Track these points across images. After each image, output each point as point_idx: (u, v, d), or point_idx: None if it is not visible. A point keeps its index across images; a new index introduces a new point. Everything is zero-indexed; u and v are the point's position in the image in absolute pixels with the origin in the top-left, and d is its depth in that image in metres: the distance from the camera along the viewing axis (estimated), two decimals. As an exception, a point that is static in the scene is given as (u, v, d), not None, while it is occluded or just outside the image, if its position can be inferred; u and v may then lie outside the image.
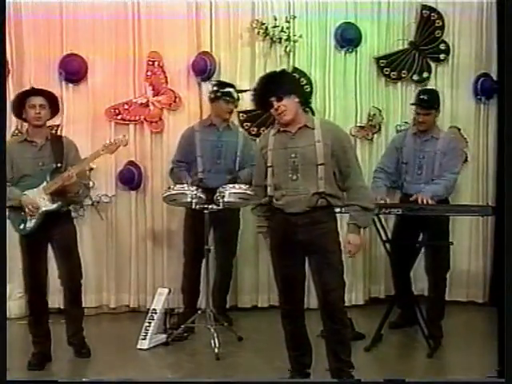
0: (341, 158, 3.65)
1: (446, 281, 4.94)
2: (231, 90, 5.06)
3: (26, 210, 4.18)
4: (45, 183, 4.25)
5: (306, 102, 3.88)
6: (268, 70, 5.50)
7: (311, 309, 4.52)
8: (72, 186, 4.26)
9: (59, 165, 4.28)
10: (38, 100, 4.26)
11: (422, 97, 4.90)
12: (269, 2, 5.55)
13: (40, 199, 4.24)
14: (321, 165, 3.61)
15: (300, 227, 3.63)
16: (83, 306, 4.67)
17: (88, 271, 5.01)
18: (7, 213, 4.09)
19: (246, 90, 5.17)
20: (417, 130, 4.90)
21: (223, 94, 5.05)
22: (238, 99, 5.15)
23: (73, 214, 4.72)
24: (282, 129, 3.71)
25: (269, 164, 3.71)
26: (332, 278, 3.66)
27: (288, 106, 3.62)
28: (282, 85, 3.68)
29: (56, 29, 5.38)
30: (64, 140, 4.44)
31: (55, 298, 4.99)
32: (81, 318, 4.54)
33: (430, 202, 4.55)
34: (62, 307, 4.80)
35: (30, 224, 4.23)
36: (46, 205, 4.25)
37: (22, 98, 4.30)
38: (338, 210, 3.84)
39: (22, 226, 4.25)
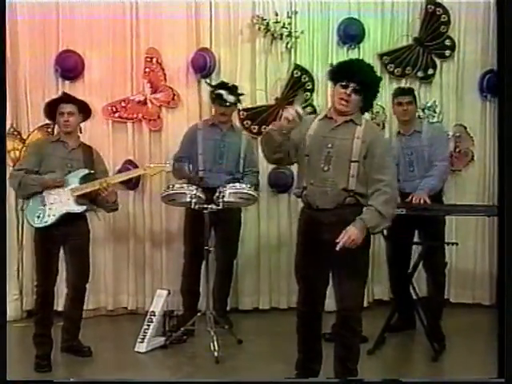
0: (375, 163, 3.61)
1: (444, 277, 5.02)
2: (223, 92, 5.08)
3: (51, 187, 4.32)
4: (73, 185, 4.39)
5: (369, 106, 3.84)
6: (269, 67, 5.67)
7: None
8: (110, 196, 4.44)
9: (92, 171, 4.45)
10: (67, 108, 4.42)
11: (402, 88, 5.21)
12: (270, -4, 5.61)
13: (65, 199, 4.37)
14: (354, 162, 3.59)
15: (326, 226, 3.59)
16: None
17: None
18: (23, 204, 4.38)
19: (242, 94, 5.24)
20: (400, 126, 5.05)
21: (214, 96, 5.13)
22: (235, 103, 5.17)
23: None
24: (329, 115, 3.70)
25: (306, 153, 3.67)
26: (353, 284, 3.65)
27: (356, 101, 3.62)
28: (371, 82, 3.66)
29: (52, 24, 5.44)
30: (94, 151, 4.61)
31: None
32: (80, 321, 4.64)
33: (427, 200, 4.66)
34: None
35: (48, 219, 4.33)
36: (71, 206, 4.38)
37: (53, 105, 4.49)
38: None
39: (37, 219, 4.35)
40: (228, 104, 5.10)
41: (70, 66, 5.43)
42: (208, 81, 5.46)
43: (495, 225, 5.71)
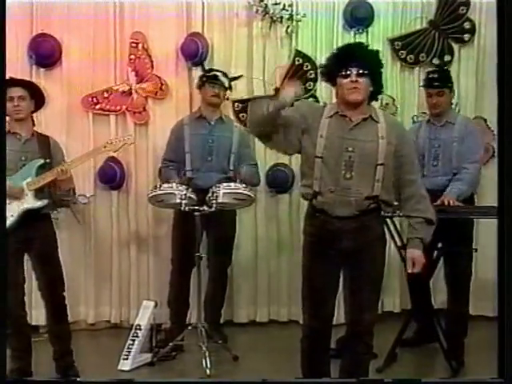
0: (405, 163, 3.61)
1: (469, 291, 5.00)
2: (218, 73, 5.13)
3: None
4: (29, 179, 4.33)
5: (379, 89, 3.75)
6: (267, 54, 5.65)
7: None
8: (64, 183, 4.35)
9: (47, 160, 4.38)
10: (17, 91, 4.34)
11: (431, 76, 5.01)
12: (269, -25, 5.59)
13: (23, 196, 4.33)
14: (380, 165, 3.55)
15: (346, 233, 3.57)
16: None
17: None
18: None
19: (238, 77, 5.25)
20: (430, 116, 5.00)
21: (208, 78, 5.14)
22: (230, 87, 5.21)
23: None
24: (341, 112, 3.62)
25: (318, 154, 3.58)
26: (369, 296, 3.66)
27: (365, 85, 3.57)
28: (372, 59, 3.65)
29: (25, 5, 5.42)
30: (50, 140, 4.53)
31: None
32: (68, 337, 4.58)
33: (455, 203, 4.62)
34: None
35: (7, 222, 4.26)
36: (30, 202, 4.32)
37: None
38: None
39: None
40: (221, 84, 5.11)
41: (45, 52, 5.42)
42: (193, 68, 5.49)
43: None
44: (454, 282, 4.97)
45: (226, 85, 5.17)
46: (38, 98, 4.50)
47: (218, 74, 5.15)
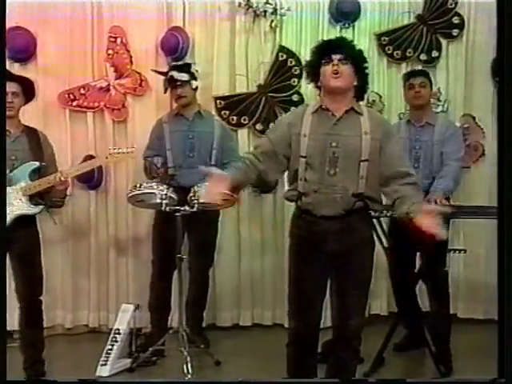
0: (393, 158, 3.62)
1: (447, 292, 5.01)
2: (173, 73, 5.09)
3: None
4: (23, 183, 4.32)
5: (363, 89, 3.75)
6: (250, 49, 5.65)
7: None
8: (61, 192, 4.36)
9: (43, 163, 4.36)
10: (12, 87, 4.32)
11: (414, 69, 5.20)
12: (252, -32, 5.59)
13: (16, 201, 4.30)
14: (364, 161, 3.56)
15: (332, 234, 3.58)
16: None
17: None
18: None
19: (189, 64, 5.22)
20: (411, 114, 5.05)
21: (167, 81, 5.15)
22: (189, 80, 5.11)
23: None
24: (324, 106, 3.64)
25: (302, 154, 3.60)
26: (356, 300, 3.67)
27: (347, 72, 3.57)
28: (354, 48, 3.68)
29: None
30: (40, 134, 4.51)
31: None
32: (41, 345, 4.56)
33: (444, 202, 4.62)
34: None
35: None
36: (25, 208, 4.32)
37: None
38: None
39: None
40: (180, 83, 5.08)
41: (19, 46, 5.37)
42: (173, 63, 5.41)
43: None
44: (431, 284, 4.99)
45: (186, 79, 5.11)
46: (28, 94, 4.49)
47: (173, 73, 5.10)
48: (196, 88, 5.20)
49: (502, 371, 3.21)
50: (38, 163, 4.37)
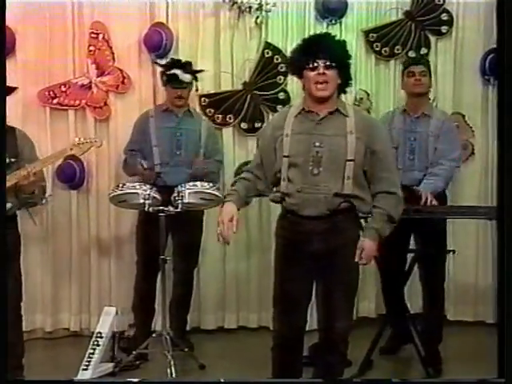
0: (377, 159, 3.63)
1: (443, 295, 5.08)
2: (178, 71, 5.10)
3: None
4: None
5: (348, 81, 3.75)
6: (235, 46, 5.65)
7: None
8: (27, 186, 4.31)
9: (12, 160, 4.33)
10: None
11: (414, 56, 5.25)
12: (237, -38, 5.60)
13: None
14: (350, 161, 3.58)
15: (317, 235, 3.60)
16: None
17: (19, 287, 5.04)
18: None
19: (200, 71, 5.25)
20: (408, 104, 5.03)
21: (168, 77, 5.13)
22: (191, 82, 5.18)
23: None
24: (307, 108, 3.67)
25: (285, 153, 3.63)
26: (344, 302, 3.68)
27: (333, 78, 3.60)
28: (340, 51, 3.67)
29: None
30: (17, 132, 4.48)
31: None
32: (21, 349, 4.54)
33: (434, 201, 4.65)
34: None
35: None
36: None
37: None
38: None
39: None
40: (185, 85, 5.11)
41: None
42: (158, 60, 5.44)
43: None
44: (427, 286, 5.04)
45: (189, 81, 5.14)
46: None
47: (177, 72, 5.10)
48: (196, 89, 5.25)
49: (502, 371, 3.25)
50: (7, 160, 4.32)
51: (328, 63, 3.57)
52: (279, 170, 3.68)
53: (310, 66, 3.58)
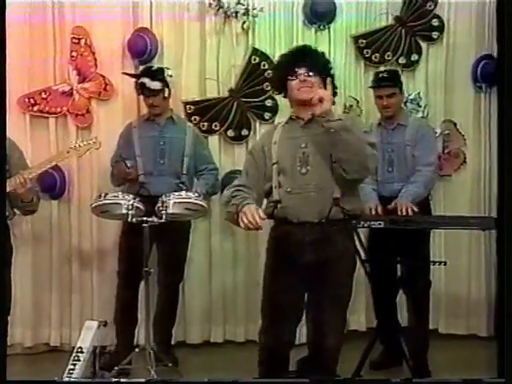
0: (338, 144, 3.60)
1: (428, 302, 5.07)
2: (145, 80, 5.07)
3: None
4: None
5: (332, 94, 3.71)
6: (222, 52, 5.65)
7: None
8: (26, 194, 4.30)
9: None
10: None
11: (380, 75, 5.14)
12: (223, -34, 5.60)
13: None
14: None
15: (308, 245, 3.61)
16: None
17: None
18: None
19: (169, 76, 5.19)
20: (382, 118, 5.10)
21: (138, 86, 5.14)
22: (162, 89, 5.10)
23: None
24: (294, 115, 3.77)
25: (274, 160, 3.71)
26: (335, 317, 3.68)
27: (316, 84, 3.66)
28: (319, 59, 3.77)
29: None
30: (6, 141, 4.44)
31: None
32: (4, 367, 4.49)
33: (413, 208, 4.66)
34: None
35: None
36: None
37: None
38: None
39: None
40: (154, 93, 5.08)
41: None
42: (141, 67, 5.44)
43: (492, 240, 5.70)
44: (410, 298, 5.04)
45: (159, 88, 5.10)
46: None
47: (145, 80, 5.08)
48: (169, 95, 5.20)
49: (502, 371, 3.33)
50: None
51: (310, 72, 3.66)
52: (270, 179, 3.71)
53: (292, 77, 3.68)
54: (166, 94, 5.16)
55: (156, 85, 5.08)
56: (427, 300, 5.08)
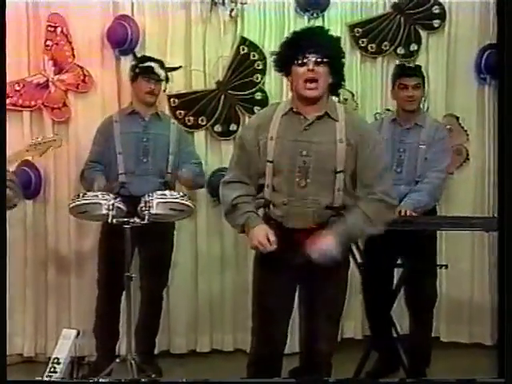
0: (367, 166, 3.65)
1: (432, 315, 5.13)
2: (153, 64, 5.13)
3: None
4: None
5: (340, 80, 3.77)
6: (208, 41, 5.65)
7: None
8: None
9: None
10: None
11: (407, 65, 5.17)
12: (210, -51, 5.60)
13: None
14: (340, 172, 3.61)
15: (301, 247, 3.59)
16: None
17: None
18: None
19: (177, 68, 5.26)
20: (399, 114, 5.06)
21: (142, 69, 5.14)
22: (167, 79, 5.22)
23: None
24: (295, 109, 3.68)
25: (269, 158, 3.66)
26: (327, 320, 3.70)
27: (324, 76, 3.59)
28: (332, 46, 3.68)
29: None
30: None
31: None
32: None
33: (411, 214, 4.70)
34: None
35: None
36: None
37: None
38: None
39: None
40: (159, 80, 5.14)
41: None
42: (122, 57, 5.48)
43: (496, 242, 5.76)
44: (412, 305, 5.08)
45: (163, 77, 5.17)
46: None
47: (153, 65, 5.13)
48: (164, 90, 5.27)
49: (502, 371, 3.38)
50: None
51: (319, 59, 3.57)
52: (263, 175, 3.70)
53: (299, 61, 3.59)
54: (164, 88, 5.22)
55: (162, 73, 5.15)
56: (431, 313, 5.14)
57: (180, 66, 5.37)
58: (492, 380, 3.63)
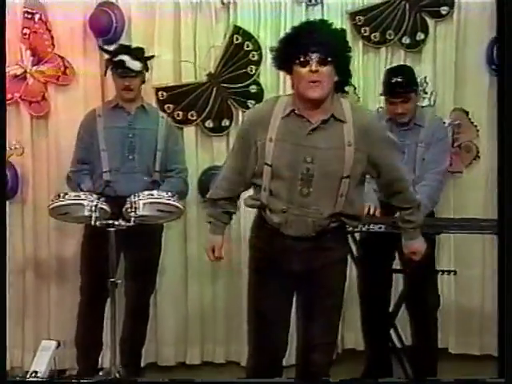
0: (382, 168, 3.69)
1: (437, 322, 5.12)
2: (125, 57, 5.07)
3: None
4: None
5: (346, 78, 3.72)
6: (199, 31, 5.64)
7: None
8: None
9: None
10: None
11: (393, 80, 5.03)
12: None
13: None
14: (346, 178, 3.59)
15: (298, 254, 3.63)
16: None
17: None
18: None
19: (151, 57, 5.25)
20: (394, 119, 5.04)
21: (114, 64, 5.12)
22: (141, 71, 5.14)
23: None
24: (297, 111, 3.62)
25: (267, 161, 3.63)
26: (325, 329, 3.72)
27: (328, 76, 3.53)
28: (337, 43, 3.61)
29: None
30: None
31: None
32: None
33: None
34: None
35: None
36: None
37: None
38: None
39: None
40: (134, 74, 5.08)
41: None
42: (106, 46, 5.40)
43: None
44: (415, 313, 5.09)
45: (138, 70, 5.11)
46: None
47: (125, 58, 5.07)
48: (143, 81, 5.22)
49: (502, 371, 3.48)
50: None
51: (322, 58, 3.50)
52: (259, 176, 3.68)
53: (301, 60, 3.52)
54: (145, 79, 5.20)
55: (136, 65, 5.09)
56: (434, 321, 5.13)
57: (153, 56, 5.29)
58: (492, 380, 3.71)
